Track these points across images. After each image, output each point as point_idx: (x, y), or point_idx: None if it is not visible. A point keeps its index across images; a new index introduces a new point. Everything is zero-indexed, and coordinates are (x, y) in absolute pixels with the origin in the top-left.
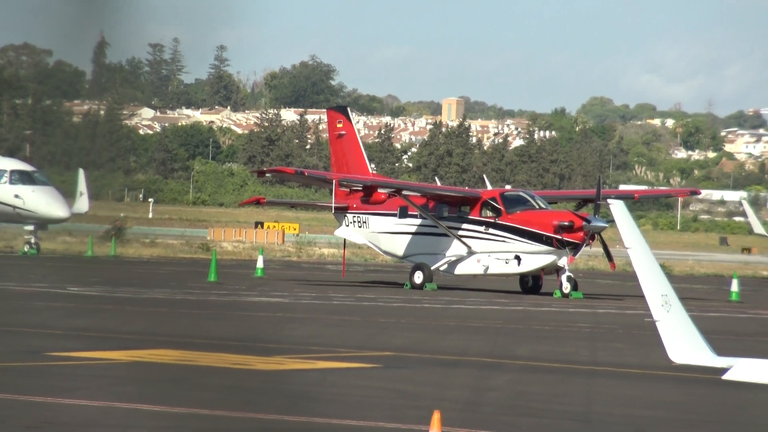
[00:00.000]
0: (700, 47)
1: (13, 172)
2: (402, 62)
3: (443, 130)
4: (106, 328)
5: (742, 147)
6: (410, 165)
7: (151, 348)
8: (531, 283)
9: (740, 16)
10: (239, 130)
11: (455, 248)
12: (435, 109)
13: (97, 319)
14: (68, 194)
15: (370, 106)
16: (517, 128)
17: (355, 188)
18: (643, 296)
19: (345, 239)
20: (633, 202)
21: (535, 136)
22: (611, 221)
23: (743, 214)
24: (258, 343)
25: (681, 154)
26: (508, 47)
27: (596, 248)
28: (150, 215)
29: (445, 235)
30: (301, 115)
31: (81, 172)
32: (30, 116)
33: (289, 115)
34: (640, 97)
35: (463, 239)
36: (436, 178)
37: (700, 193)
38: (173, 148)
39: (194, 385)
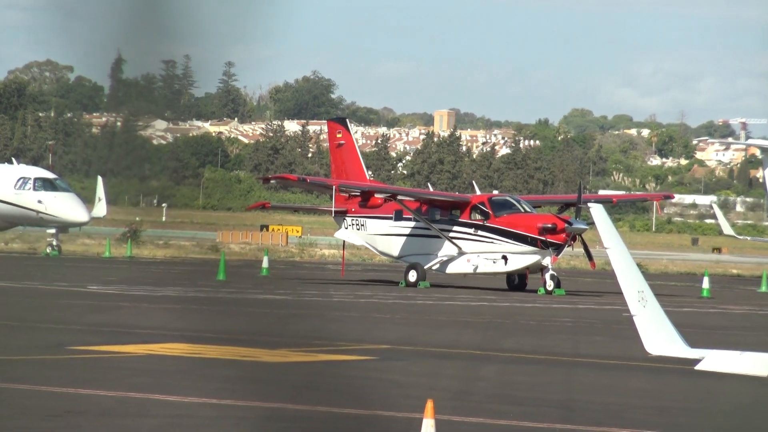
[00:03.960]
0: (673, 62)
1: (36, 179)
2: (397, 77)
3: (435, 139)
4: (122, 324)
5: (712, 155)
6: (405, 172)
7: (164, 342)
8: (517, 281)
9: (711, 33)
10: (246, 140)
11: (446, 249)
12: (427, 120)
13: (114, 315)
14: (88, 200)
15: (367, 117)
16: (503, 138)
17: (353, 194)
18: (621, 293)
19: (344, 241)
20: (611, 205)
21: (521, 145)
22: (591, 223)
23: (713, 216)
24: (264, 337)
25: (655, 161)
26: (496, 62)
27: (578, 249)
28: (163, 219)
29: (437, 236)
30: (304, 126)
31: (100, 180)
32: (52, 128)
33: (292, 126)
34: (618, 109)
35: (454, 240)
36: (429, 184)
37: (673, 198)
38: (185, 156)
39: (204, 376)
